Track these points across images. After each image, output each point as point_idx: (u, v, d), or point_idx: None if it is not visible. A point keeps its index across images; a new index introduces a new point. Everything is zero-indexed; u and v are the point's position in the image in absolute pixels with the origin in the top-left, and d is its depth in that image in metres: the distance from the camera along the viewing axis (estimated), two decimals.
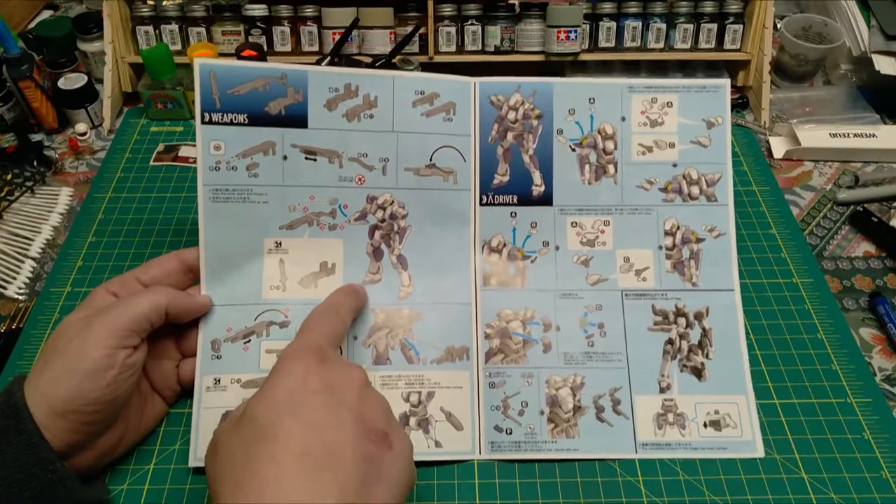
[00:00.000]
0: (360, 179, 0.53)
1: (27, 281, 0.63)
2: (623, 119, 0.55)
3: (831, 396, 0.54)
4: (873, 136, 0.75)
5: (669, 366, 0.53)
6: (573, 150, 0.55)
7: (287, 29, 0.78)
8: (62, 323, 0.45)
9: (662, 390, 0.52)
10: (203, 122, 0.51)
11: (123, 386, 0.43)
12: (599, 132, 0.55)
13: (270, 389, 0.39)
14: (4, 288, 0.63)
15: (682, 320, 0.54)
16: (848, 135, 0.75)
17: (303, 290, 0.52)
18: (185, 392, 0.51)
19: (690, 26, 0.78)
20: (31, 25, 0.92)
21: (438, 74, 0.54)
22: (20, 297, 0.62)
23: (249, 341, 0.51)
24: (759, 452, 0.50)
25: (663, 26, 0.78)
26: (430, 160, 0.54)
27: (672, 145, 0.55)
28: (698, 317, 0.54)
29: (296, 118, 0.52)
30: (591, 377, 0.52)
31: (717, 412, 0.52)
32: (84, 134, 0.75)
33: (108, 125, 0.78)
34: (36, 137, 0.77)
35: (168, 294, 0.47)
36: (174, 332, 0.51)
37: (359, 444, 0.36)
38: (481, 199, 0.55)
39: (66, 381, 0.41)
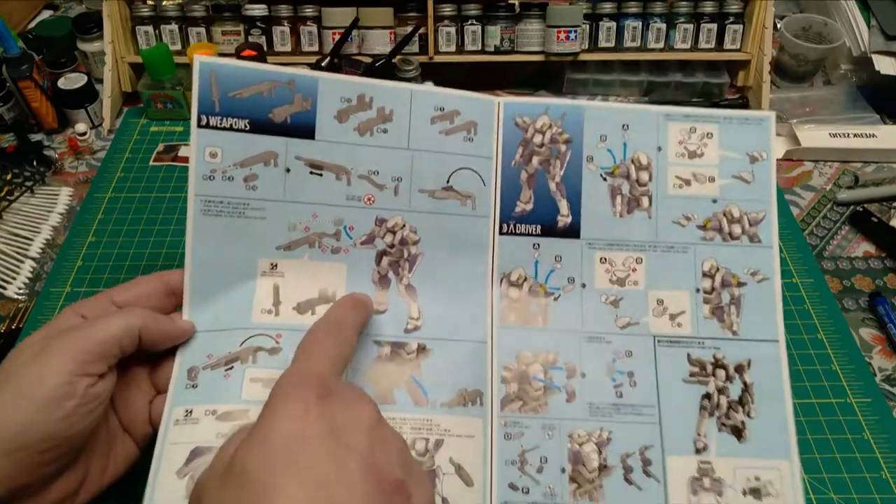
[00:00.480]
0: (369, 199, 0.48)
1: (27, 281, 0.63)
2: (659, 149, 0.51)
3: (831, 396, 0.54)
4: (873, 136, 0.75)
5: (706, 423, 0.47)
6: (604, 179, 0.50)
7: (287, 29, 0.77)
8: (20, 345, 0.39)
9: (698, 451, 0.46)
10: (199, 126, 0.46)
11: (84, 420, 0.37)
12: (633, 161, 0.50)
13: (264, 436, 0.33)
14: (4, 288, 0.62)
15: (720, 372, 0.48)
16: (848, 135, 0.76)
17: (298, 316, 0.47)
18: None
19: (690, 26, 0.78)
20: (31, 25, 0.93)
21: (460, 91, 0.50)
22: (20, 298, 0.62)
23: (232, 368, 0.44)
24: None
25: (663, 26, 0.78)
26: (448, 182, 0.49)
27: (712, 179, 0.50)
28: (739, 370, 0.48)
29: (302, 128, 0.47)
30: (619, 432, 0.46)
31: (757, 478, 0.45)
32: (84, 134, 0.75)
33: (108, 125, 0.78)
34: (36, 137, 0.77)
35: (143, 316, 0.41)
36: (149, 362, 0.45)
37: (372, 501, 0.30)
38: (501, 228, 0.50)
39: (15, 411, 0.35)
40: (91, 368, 0.38)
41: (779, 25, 0.85)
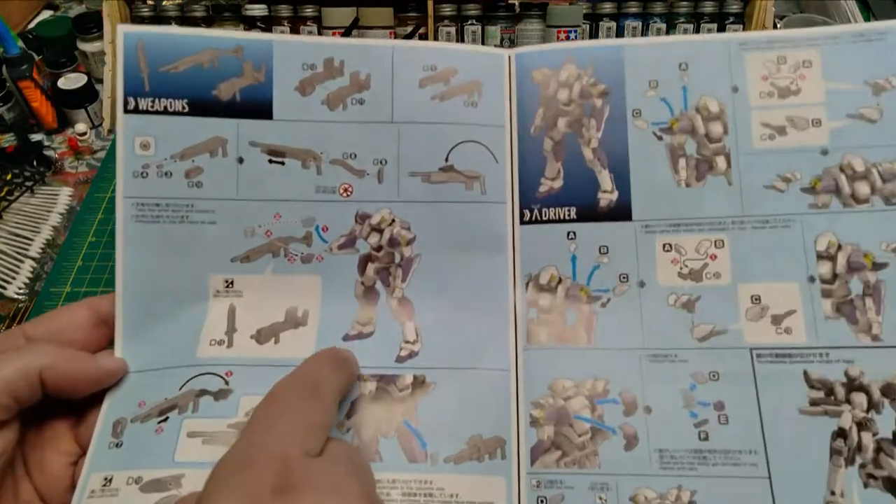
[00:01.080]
0: (346, 190, 0.37)
1: (27, 281, 0.62)
2: (735, 89, 0.37)
3: None
4: None
5: (843, 475, 0.31)
6: (659, 137, 0.37)
7: (287, 29, 0.76)
8: None
9: None
10: (126, 111, 0.37)
11: None
12: (699, 110, 0.37)
13: None
14: (4, 288, 0.61)
15: (859, 398, 0.32)
16: None
17: (256, 346, 0.36)
18: None
19: (690, 26, 0.77)
20: (31, 25, 0.92)
21: (456, 44, 0.38)
22: (20, 297, 0.61)
23: (166, 419, 0.34)
24: None
25: (663, 26, 0.77)
26: (447, 161, 0.37)
27: (818, 123, 0.36)
28: (888, 391, 0.32)
29: (256, 106, 0.37)
30: (706, 492, 0.32)
31: None
32: (84, 134, 0.74)
33: (108, 125, 0.76)
34: (36, 137, 0.76)
35: (49, 354, 0.32)
36: (73, 413, 0.35)
37: None
38: (522, 216, 0.37)
39: None
40: None
41: (779, 25, 0.83)
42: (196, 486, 0.32)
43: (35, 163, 0.72)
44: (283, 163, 0.37)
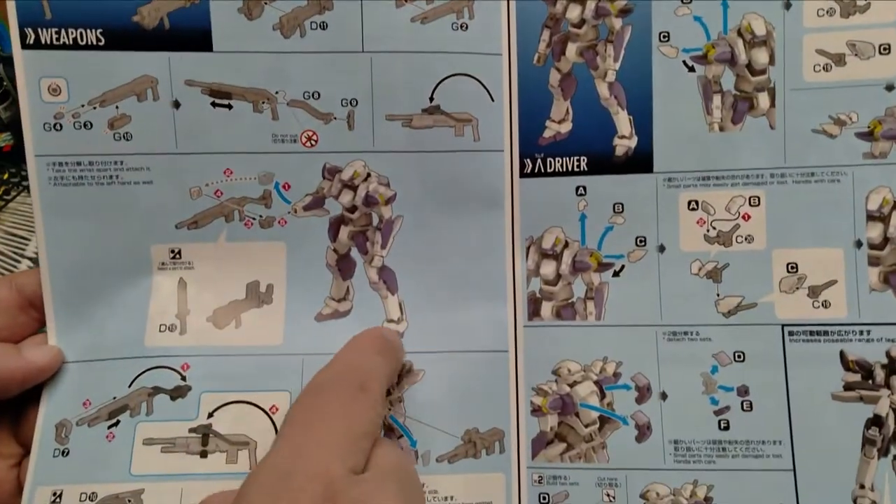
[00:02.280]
0: (309, 139, 0.31)
1: None
2: (788, 5, 0.30)
3: None
4: None
5: (874, 467, 0.28)
6: (691, 68, 0.30)
7: None
8: None
9: None
10: (25, 47, 0.29)
11: None
12: (741, 33, 0.30)
13: None
14: None
15: None
16: None
17: (215, 331, 0.31)
18: None
19: None
20: None
21: None
22: None
23: (118, 423, 0.30)
24: None
25: None
26: (431, 100, 0.31)
27: (886, 49, 0.29)
28: None
29: (191, 34, 0.30)
30: (725, 488, 0.29)
31: None
32: None
33: None
34: None
35: None
36: (8, 412, 0.31)
37: None
38: (523, 166, 0.31)
39: None
40: None
41: None
42: (158, 502, 0.28)
43: None
44: (229, 106, 0.30)
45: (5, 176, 0.71)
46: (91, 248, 0.31)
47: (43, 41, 0.29)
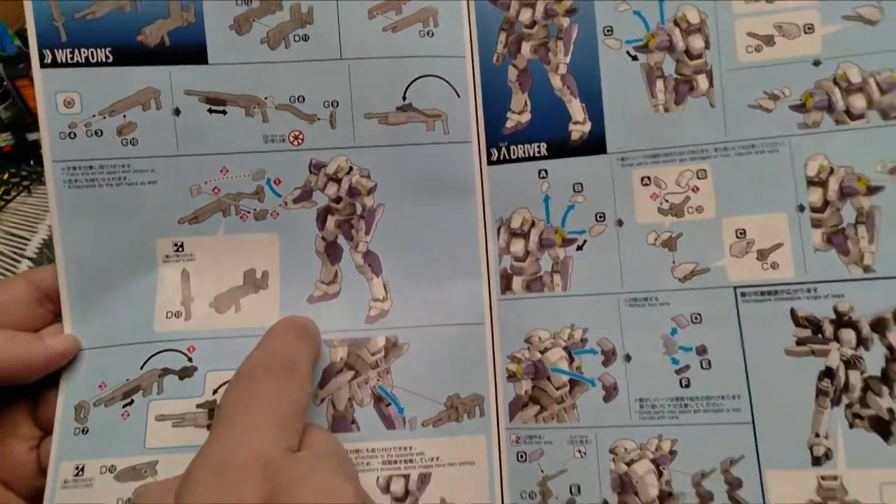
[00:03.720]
0: (296, 138, 0.34)
1: None
2: None
3: None
4: None
5: (827, 417, 0.30)
6: (634, 57, 0.33)
7: None
8: None
9: (817, 461, 0.30)
10: (43, 66, 0.33)
11: None
12: (678, 22, 0.33)
13: None
14: None
15: (848, 334, 0.31)
16: None
17: (217, 316, 0.34)
18: None
19: None
20: None
21: None
22: None
23: (132, 402, 0.32)
24: None
25: None
26: (404, 99, 0.34)
27: (810, 28, 0.32)
28: (879, 327, 0.30)
29: (188, 50, 0.33)
30: (687, 441, 0.31)
31: None
32: None
33: None
34: (33, 136, 0.75)
35: None
36: (29, 397, 0.34)
37: None
38: (490, 155, 0.34)
39: None
40: None
41: None
42: (171, 472, 0.31)
43: (32, 162, 0.72)
44: (224, 112, 0.34)
45: (5, 176, 0.71)
46: (102, 244, 0.34)
47: (59, 60, 0.33)
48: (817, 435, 0.30)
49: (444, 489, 0.32)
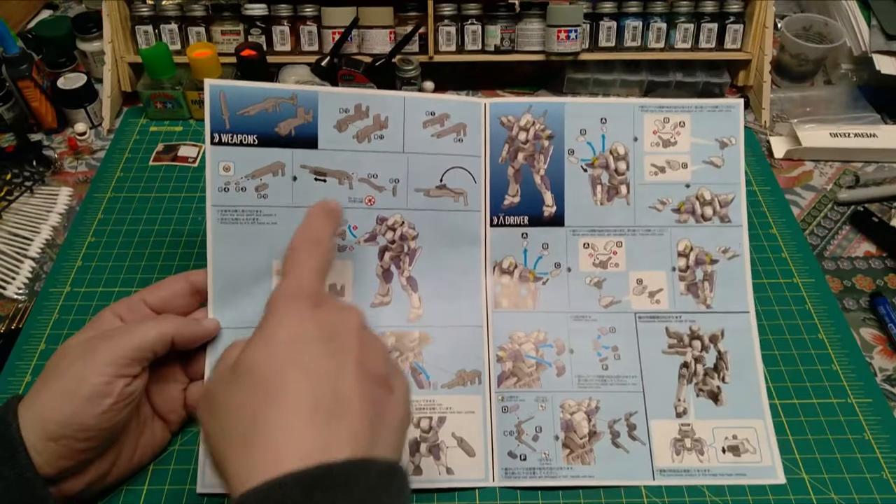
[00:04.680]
0: (369, 200, 0.53)
1: (26, 281, 0.63)
2: (635, 139, 0.55)
3: (832, 397, 0.54)
4: (874, 135, 0.75)
5: (685, 390, 0.52)
6: (585, 170, 0.54)
7: (286, 28, 0.77)
8: (64, 344, 0.44)
9: (679, 415, 0.51)
10: (213, 143, 0.50)
11: (119, 416, 0.42)
12: (611, 152, 0.55)
13: (267, 338, 0.36)
14: (4, 288, 0.62)
15: (697, 343, 0.53)
16: (849, 134, 0.75)
17: None
18: (192, 417, 0.50)
19: (691, 26, 0.78)
20: (31, 25, 0.92)
21: (449, 95, 0.54)
22: (19, 298, 0.62)
23: None
24: (780, 478, 0.49)
25: (664, 26, 0.78)
26: (441, 181, 0.53)
27: (685, 165, 0.54)
28: (713, 339, 0.53)
29: (306, 139, 0.51)
30: (606, 401, 0.51)
31: (735, 437, 0.50)
32: (83, 134, 0.75)
33: (108, 125, 0.78)
34: (35, 137, 0.77)
35: (174, 323, 0.46)
36: (181, 355, 0.50)
37: (365, 391, 0.35)
38: (492, 220, 0.54)
39: (62, 404, 0.41)
40: (127, 371, 0.43)
41: (779, 25, 0.85)
42: None
43: (34, 163, 0.72)
44: (325, 180, 0.52)
45: (8, 176, 0.70)
46: (237, 261, 0.51)
47: (223, 140, 0.50)
48: (679, 400, 0.51)
49: (455, 427, 0.50)
